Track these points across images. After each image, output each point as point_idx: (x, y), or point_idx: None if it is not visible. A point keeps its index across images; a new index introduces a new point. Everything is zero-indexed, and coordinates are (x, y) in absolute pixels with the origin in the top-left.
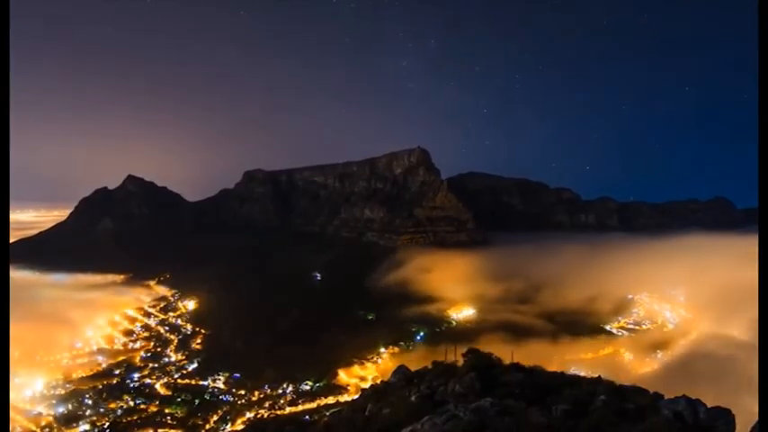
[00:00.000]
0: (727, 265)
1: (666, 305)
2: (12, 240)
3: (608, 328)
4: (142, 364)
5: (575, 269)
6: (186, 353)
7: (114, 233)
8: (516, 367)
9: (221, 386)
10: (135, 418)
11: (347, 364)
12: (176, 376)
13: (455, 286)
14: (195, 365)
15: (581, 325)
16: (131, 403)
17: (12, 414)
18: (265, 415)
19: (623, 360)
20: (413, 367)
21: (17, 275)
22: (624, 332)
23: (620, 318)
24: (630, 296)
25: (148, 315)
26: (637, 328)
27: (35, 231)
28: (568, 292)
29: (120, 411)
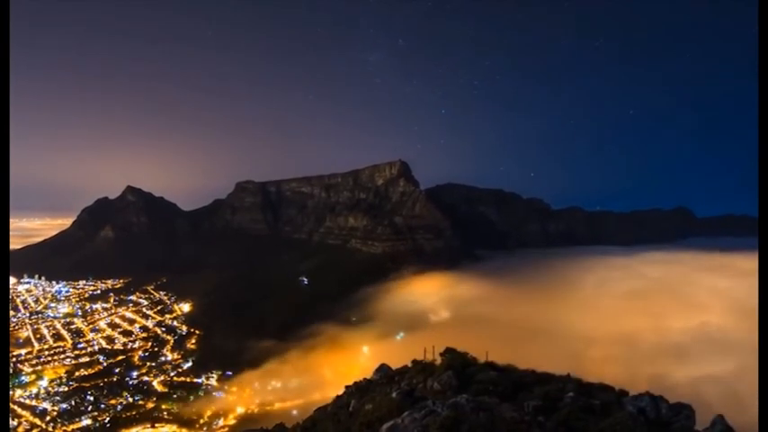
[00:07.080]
0: None
1: None
2: (18, 247)
3: None
4: (140, 363)
5: None
6: (181, 352)
7: (114, 240)
8: (491, 366)
9: (214, 383)
10: (134, 413)
11: (332, 362)
12: (172, 374)
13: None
14: (190, 364)
15: None
16: (130, 400)
17: (19, 410)
18: (255, 410)
19: None
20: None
21: (22, 281)
22: None
23: None
24: None
25: (146, 317)
26: None
27: (40, 239)
28: None
29: (119, 407)
